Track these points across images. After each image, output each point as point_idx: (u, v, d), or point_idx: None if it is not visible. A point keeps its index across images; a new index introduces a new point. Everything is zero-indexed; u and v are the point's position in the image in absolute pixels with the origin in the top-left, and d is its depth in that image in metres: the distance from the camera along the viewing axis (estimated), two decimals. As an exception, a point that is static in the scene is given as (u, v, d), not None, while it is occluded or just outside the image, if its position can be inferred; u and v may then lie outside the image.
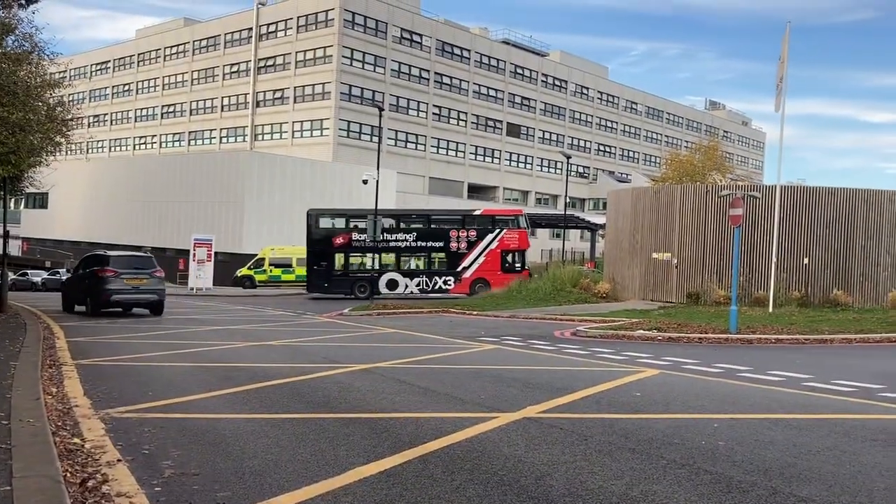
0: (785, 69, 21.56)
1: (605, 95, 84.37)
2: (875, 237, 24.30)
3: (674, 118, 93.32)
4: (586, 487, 5.18)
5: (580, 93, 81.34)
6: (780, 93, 21.97)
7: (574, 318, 21.30)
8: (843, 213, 24.34)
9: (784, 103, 21.83)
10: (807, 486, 5.26)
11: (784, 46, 21.75)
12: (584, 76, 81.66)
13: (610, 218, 30.19)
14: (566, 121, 79.81)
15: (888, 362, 13.01)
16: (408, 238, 36.13)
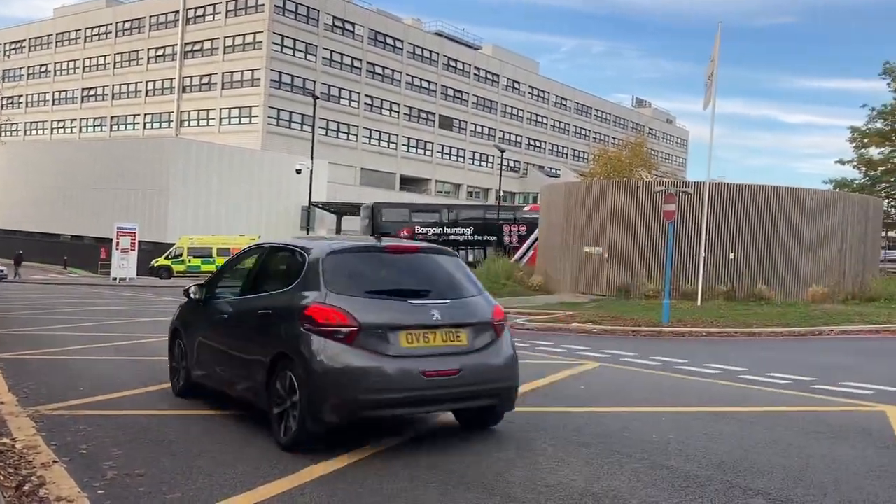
0: (715, 68, 22.09)
1: (535, 90, 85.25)
2: (796, 234, 25.20)
3: (602, 115, 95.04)
4: (546, 483, 5.15)
5: (512, 87, 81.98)
6: (709, 91, 22.50)
7: (510, 310, 21.26)
8: (767, 211, 25.14)
9: (714, 101, 22.39)
10: (761, 479, 5.34)
11: (715, 46, 22.29)
12: (515, 71, 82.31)
13: (543, 212, 30.47)
14: (498, 115, 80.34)
15: (816, 355, 13.48)
16: (465, 232, 37.77)
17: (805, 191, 26.01)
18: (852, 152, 53.06)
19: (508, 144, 78.75)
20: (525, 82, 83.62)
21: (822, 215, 25.51)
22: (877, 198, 36.03)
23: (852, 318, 18.89)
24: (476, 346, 6.25)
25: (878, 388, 9.61)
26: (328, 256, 6.22)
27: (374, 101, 67.96)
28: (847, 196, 30.29)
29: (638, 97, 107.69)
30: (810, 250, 25.30)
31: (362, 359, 5.68)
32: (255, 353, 6.38)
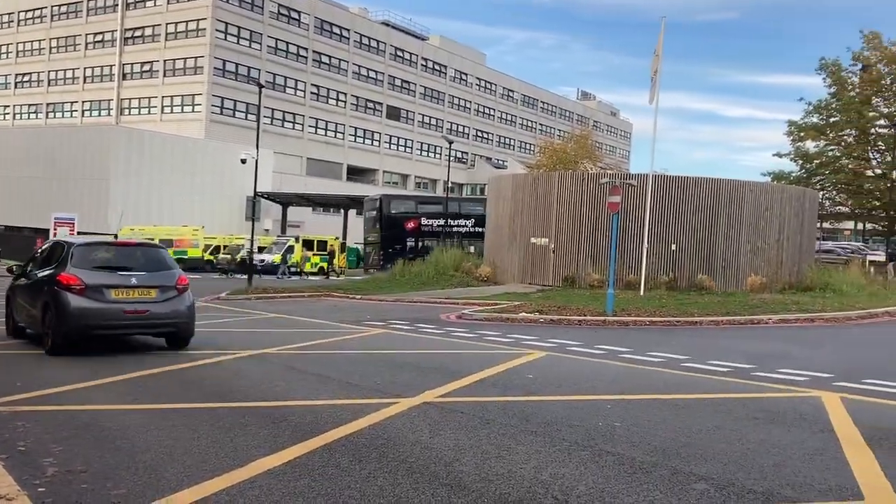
0: (660, 62, 22.48)
1: (483, 82, 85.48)
2: (736, 225, 25.86)
3: (548, 107, 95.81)
4: (496, 472, 5.19)
5: (459, 78, 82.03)
6: (654, 85, 22.89)
7: (458, 301, 21.49)
8: (708, 203, 25.74)
9: (657, 95, 22.79)
10: (704, 464, 5.48)
11: (660, 41, 22.67)
12: (463, 62, 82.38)
13: (491, 203, 30.64)
14: (445, 106, 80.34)
15: (754, 343, 13.88)
16: (467, 223, 38.58)
17: (744, 183, 26.70)
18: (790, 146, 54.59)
19: (456, 136, 78.83)
20: (472, 74, 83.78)
21: (761, 207, 26.24)
22: (812, 190, 37.18)
23: (789, 307, 19.49)
24: (161, 298, 10.85)
25: (814, 374, 9.94)
26: (76, 247, 10.93)
27: (320, 91, 67.25)
28: (784, 188, 31.19)
29: (583, 90, 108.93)
30: (749, 241, 25.99)
31: (88, 303, 10.21)
32: (37, 302, 10.93)
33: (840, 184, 53.60)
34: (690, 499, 4.71)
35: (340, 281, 33.77)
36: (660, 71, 22.49)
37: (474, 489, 4.83)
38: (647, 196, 23.53)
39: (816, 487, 4.99)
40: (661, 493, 4.82)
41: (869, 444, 6.17)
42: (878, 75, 51.39)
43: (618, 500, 4.65)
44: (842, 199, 55.49)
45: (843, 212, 57.63)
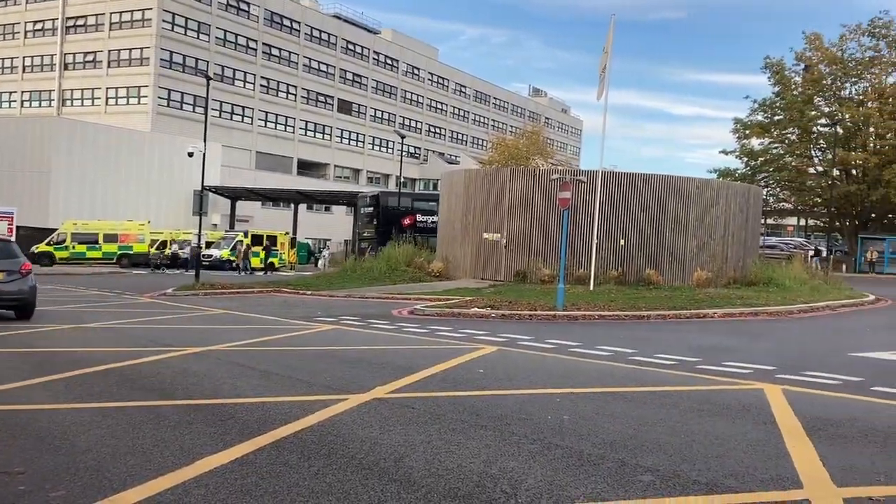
0: (609, 60, 22.73)
1: (435, 77, 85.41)
2: (683, 221, 26.33)
3: (500, 103, 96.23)
4: (446, 467, 5.20)
5: (412, 73, 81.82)
6: (602, 82, 23.15)
7: (410, 296, 21.46)
8: (656, 199, 26.15)
9: (607, 92, 23.07)
10: (650, 456, 5.57)
11: (609, 38, 22.91)
12: (415, 56, 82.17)
13: (443, 198, 30.65)
14: (398, 100, 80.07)
15: (700, 336, 14.16)
16: None
17: (691, 180, 27.19)
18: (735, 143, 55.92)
19: (408, 130, 78.64)
20: (425, 68, 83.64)
21: (707, 203, 26.75)
22: (757, 187, 38.05)
23: (734, 301, 19.93)
24: (8, 280, 13.96)
25: (757, 367, 10.19)
26: None
27: (270, 84, 66.36)
28: (729, 185, 31.85)
29: (535, 87, 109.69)
30: (695, 237, 26.48)
31: None
32: None
33: (783, 181, 55.06)
34: (637, 490, 4.78)
35: (290, 276, 33.42)
36: (609, 68, 22.75)
37: (424, 484, 4.83)
38: (596, 192, 23.80)
39: (758, 477, 5.11)
40: (608, 484, 4.87)
41: (809, 434, 6.34)
42: (819, 75, 52.85)
43: (566, 493, 4.69)
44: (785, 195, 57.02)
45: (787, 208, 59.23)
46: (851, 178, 52.15)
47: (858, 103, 51.54)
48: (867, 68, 51.81)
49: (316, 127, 71.19)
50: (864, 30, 51.86)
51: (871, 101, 51.27)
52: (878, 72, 51.65)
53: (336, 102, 72.76)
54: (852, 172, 52.34)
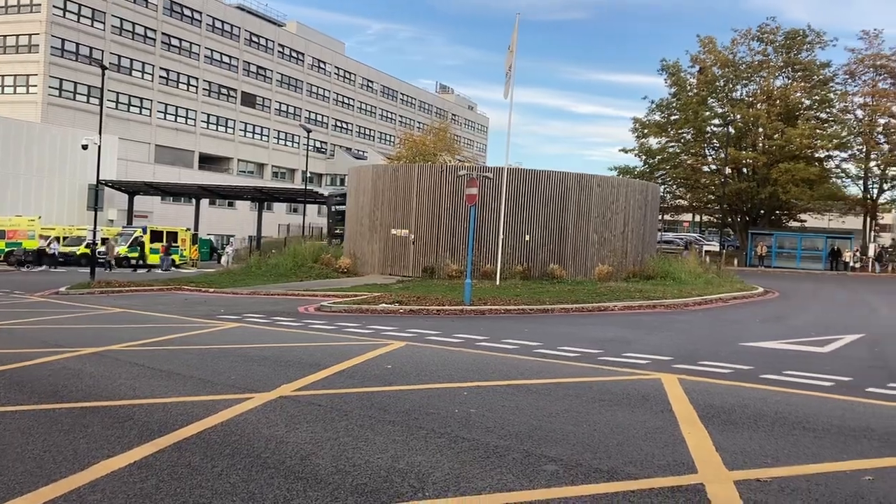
0: (514, 58, 23.08)
1: (342, 71, 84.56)
2: (585, 217, 27.05)
3: (407, 99, 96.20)
4: (353, 463, 5.18)
5: (317, 67, 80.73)
6: (508, 80, 23.49)
7: (317, 293, 21.21)
8: (559, 195, 26.76)
9: (512, 90, 23.42)
10: (554, 447, 5.71)
11: (514, 37, 23.26)
12: (321, 50, 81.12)
13: (351, 194, 30.43)
14: (303, 94, 78.85)
15: (602, 329, 14.57)
16: None
17: (592, 177, 27.94)
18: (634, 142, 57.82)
19: (315, 125, 77.60)
20: (331, 62, 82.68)
21: (608, 200, 27.56)
22: (654, 184, 39.48)
23: (633, 294, 20.61)
24: None
25: (655, 357, 10.58)
26: None
27: (170, 75, 64.13)
28: (629, 182, 32.84)
29: (442, 83, 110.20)
30: (597, 232, 27.25)
31: None
32: None
33: (679, 178, 57.32)
34: (541, 480, 4.89)
35: (192, 274, 32.46)
36: (514, 66, 23.10)
37: (331, 482, 4.79)
38: (502, 189, 24.15)
39: (656, 464, 5.31)
40: (513, 475, 4.97)
41: (703, 421, 6.64)
42: (712, 77, 55.23)
43: (472, 485, 4.76)
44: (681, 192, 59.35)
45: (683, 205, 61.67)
46: (742, 176, 54.79)
47: (748, 104, 54.20)
48: (756, 71, 54.52)
49: (219, 120, 69.29)
50: (754, 35, 54.56)
51: (760, 103, 54.00)
52: (767, 75, 54.40)
53: (239, 95, 71.03)
54: (743, 171, 55.00)
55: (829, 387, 8.64)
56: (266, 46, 73.94)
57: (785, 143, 49.90)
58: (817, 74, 53.94)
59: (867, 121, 52.69)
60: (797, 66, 54.20)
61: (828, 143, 52.20)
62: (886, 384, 8.91)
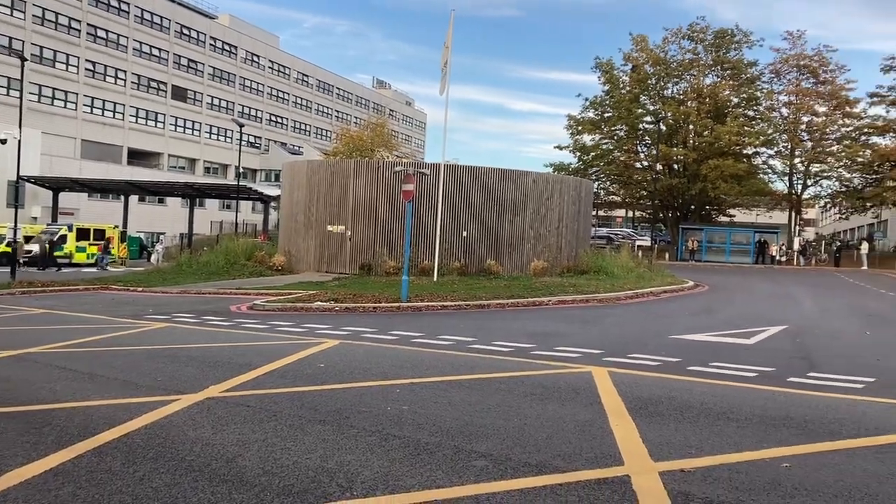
0: (449, 54, 23.09)
1: (276, 65, 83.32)
2: (521, 213, 27.29)
3: (344, 94, 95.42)
4: (281, 464, 5.09)
5: (251, 60, 79.36)
6: (444, 76, 23.50)
7: (250, 291, 20.86)
8: (495, 191, 26.94)
9: (448, 86, 23.44)
10: (484, 441, 5.72)
11: (449, 33, 23.28)
12: (254, 43, 79.77)
13: (285, 190, 30.01)
14: (236, 88, 77.43)
15: (536, 323, 14.72)
16: None
17: (528, 173, 28.21)
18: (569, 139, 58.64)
19: (248, 119, 76.30)
20: (265, 56, 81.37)
21: (543, 196, 27.88)
22: (588, 180, 40.09)
23: (567, 289, 20.90)
24: None
25: (587, 351, 10.73)
26: None
27: (96, 67, 62.14)
28: (563, 179, 33.32)
29: (379, 78, 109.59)
30: (532, 228, 27.53)
31: None
32: None
33: (613, 175, 58.36)
34: (470, 476, 4.89)
35: (120, 272, 31.55)
36: (450, 62, 23.11)
37: (257, 483, 4.70)
38: (439, 185, 24.16)
39: (584, 456, 5.37)
40: (442, 472, 4.96)
41: (631, 413, 6.75)
42: (644, 75, 56.36)
43: (401, 483, 4.73)
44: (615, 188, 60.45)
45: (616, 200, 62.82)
46: (673, 172, 56.11)
47: (679, 102, 55.51)
48: (687, 70, 55.89)
49: (148, 114, 67.48)
50: (685, 33, 55.89)
51: (691, 101, 55.37)
52: (697, 73, 55.83)
53: (170, 89, 69.31)
54: (674, 167, 56.33)
55: (753, 377, 8.90)
56: (197, 39, 72.34)
57: (714, 140, 51.30)
58: (745, 73, 55.62)
59: (792, 119, 54.60)
60: (726, 64, 55.77)
61: (755, 140, 53.90)
62: (806, 374, 9.23)
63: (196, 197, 52.21)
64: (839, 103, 52.97)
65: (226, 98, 76.12)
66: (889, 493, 4.71)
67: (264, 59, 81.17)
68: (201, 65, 72.72)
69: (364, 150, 55.76)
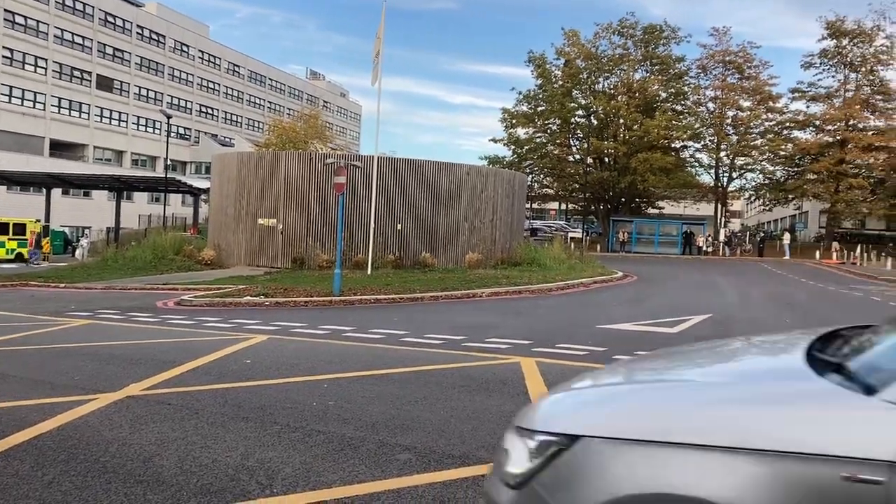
0: (381, 45, 22.95)
1: (206, 55, 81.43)
2: (456, 206, 27.35)
3: (277, 85, 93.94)
4: (200, 463, 4.97)
5: (180, 50, 77.37)
6: (376, 68, 23.35)
7: (178, 286, 20.37)
8: (430, 184, 26.93)
9: (380, 78, 23.29)
10: (409, 435, 5.70)
11: (381, 24, 23.14)
12: (184, 33, 77.77)
13: (214, 183, 29.39)
14: (165, 78, 75.39)
15: (469, 315, 14.78)
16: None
17: (462, 166, 28.29)
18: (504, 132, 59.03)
19: (178, 110, 74.44)
20: (195, 46, 79.42)
21: (478, 189, 28.00)
22: (521, 173, 40.46)
23: (501, 281, 21.06)
24: None
25: (516, 342, 10.82)
26: None
27: (14, 55, 59.60)
28: (497, 171, 33.51)
29: (313, 69, 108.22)
30: (467, 220, 27.64)
31: None
32: None
33: (546, 168, 59.03)
34: (393, 469, 4.87)
35: (43, 268, 30.44)
36: (382, 54, 22.97)
37: (174, 483, 4.58)
38: (373, 177, 24.01)
39: (508, 446, 5.39)
40: (366, 466, 4.92)
41: (556, 402, 6.81)
42: (576, 70, 57.09)
43: (322, 479, 4.67)
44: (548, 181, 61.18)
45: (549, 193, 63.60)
46: (604, 165, 57.08)
47: (610, 97, 56.43)
48: (617, 64, 56.83)
49: (71, 104, 65.13)
50: (615, 29, 56.81)
51: (621, 95, 56.35)
52: (627, 68, 56.82)
53: (94, 78, 67.02)
54: (605, 160, 57.29)
55: (676, 365, 9.10)
56: (123, 27, 70.12)
57: (643, 134, 52.33)
58: (673, 68, 56.88)
59: (718, 113, 56.13)
60: (655, 60, 56.94)
61: (682, 133, 55.26)
62: (726, 361, 9.48)
63: (123, 190, 50.63)
64: (763, 98, 54.72)
65: (154, 88, 74.06)
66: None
67: (194, 49, 79.25)
68: (128, 54, 70.55)
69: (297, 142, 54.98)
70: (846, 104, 52.60)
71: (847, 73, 54.50)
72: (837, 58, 54.04)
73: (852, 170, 52.24)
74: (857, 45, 53.33)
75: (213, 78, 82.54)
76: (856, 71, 54.09)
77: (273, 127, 63.36)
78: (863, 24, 52.47)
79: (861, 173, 52.60)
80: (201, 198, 47.32)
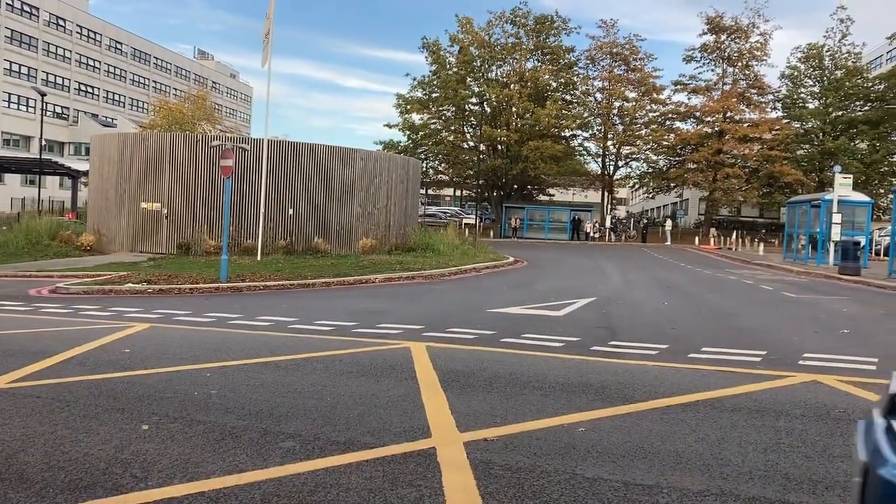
0: (271, 25, 22.38)
1: (85, 30, 77.18)
2: (349, 191, 27.10)
3: (162, 64, 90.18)
4: (70, 458, 4.74)
5: (56, 24, 72.99)
6: (266, 49, 22.76)
7: (53, 273, 19.30)
8: (323, 168, 26.56)
9: (270, 59, 22.72)
10: (293, 422, 5.63)
11: (271, 4, 22.54)
12: (60, 6, 73.38)
13: (94, 165, 27.97)
14: (39, 53, 70.99)
15: (361, 301, 14.69)
16: None
17: (356, 151, 28.04)
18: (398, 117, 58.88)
19: (54, 88, 70.32)
20: (73, 20, 75.11)
21: (371, 174, 27.84)
22: (415, 159, 40.50)
23: (394, 266, 21.05)
24: None
25: (407, 327, 10.85)
26: None
27: None
28: (391, 157, 33.41)
29: (201, 49, 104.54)
30: (361, 206, 27.45)
31: None
32: None
33: (441, 154, 59.36)
34: (276, 457, 4.79)
35: None
36: (272, 34, 22.41)
37: (39, 480, 4.35)
38: (262, 161, 23.46)
39: (394, 431, 5.42)
40: (247, 455, 4.82)
41: (443, 386, 6.90)
42: (470, 57, 57.54)
43: (201, 469, 4.55)
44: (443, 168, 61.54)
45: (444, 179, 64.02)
46: (497, 153, 57.93)
47: (503, 85, 57.23)
48: (510, 53, 57.68)
49: (-67, 79, 60.42)
50: (508, 17, 57.56)
51: (514, 84, 57.26)
52: (519, 57, 57.75)
53: (-41, 51, 62.39)
54: (498, 148, 58.15)
55: (560, 347, 9.38)
56: (-9, -3, 65.51)
57: (534, 123, 53.39)
58: (563, 59, 58.22)
59: (605, 103, 57.91)
60: (546, 49, 58.10)
61: (571, 123, 56.70)
62: (608, 342, 9.85)
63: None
64: (647, 90, 56.85)
65: (27, 64, 69.60)
66: (668, 451, 5.12)
67: (72, 24, 74.95)
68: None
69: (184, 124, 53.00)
70: (724, 97, 55.36)
71: (725, 67, 57.33)
72: (716, 52, 56.75)
73: (729, 160, 55.09)
74: (734, 40, 56.14)
75: (94, 55, 78.39)
76: (733, 65, 56.97)
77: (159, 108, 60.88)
78: (739, 21, 55.29)
79: (737, 163, 55.55)
80: (81, 180, 44.96)
